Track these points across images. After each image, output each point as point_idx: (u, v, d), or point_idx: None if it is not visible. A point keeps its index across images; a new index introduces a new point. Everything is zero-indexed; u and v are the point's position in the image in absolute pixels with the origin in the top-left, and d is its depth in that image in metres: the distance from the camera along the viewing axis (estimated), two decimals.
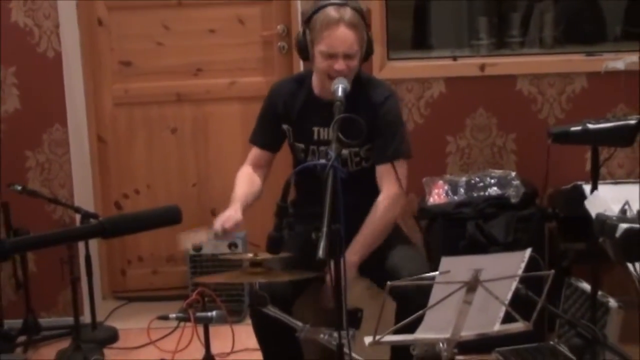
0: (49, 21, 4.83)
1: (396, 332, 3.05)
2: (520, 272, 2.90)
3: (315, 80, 3.78)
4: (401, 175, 3.70)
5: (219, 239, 3.58)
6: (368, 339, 2.98)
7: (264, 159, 3.91)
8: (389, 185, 3.69)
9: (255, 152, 3.92)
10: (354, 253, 3.61)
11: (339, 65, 3.55)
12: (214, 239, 3.58)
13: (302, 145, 3.81)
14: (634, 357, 3.55)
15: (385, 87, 3.85)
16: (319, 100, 3.74)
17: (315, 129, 3.76)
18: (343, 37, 3.56)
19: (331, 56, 3.56)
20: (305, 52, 3.70)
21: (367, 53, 3.71)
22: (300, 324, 3.41)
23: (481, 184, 4.59)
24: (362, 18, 3.66)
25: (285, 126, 3.84)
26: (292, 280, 3.58)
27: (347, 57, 3.57)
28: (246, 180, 3.83)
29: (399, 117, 3.82)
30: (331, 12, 3.57)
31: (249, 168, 3.89)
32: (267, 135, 3.90)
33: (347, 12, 3.57)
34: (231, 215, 3.61)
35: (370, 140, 3.66)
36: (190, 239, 3.69)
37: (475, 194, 4.56)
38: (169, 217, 1.96)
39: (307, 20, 3.67)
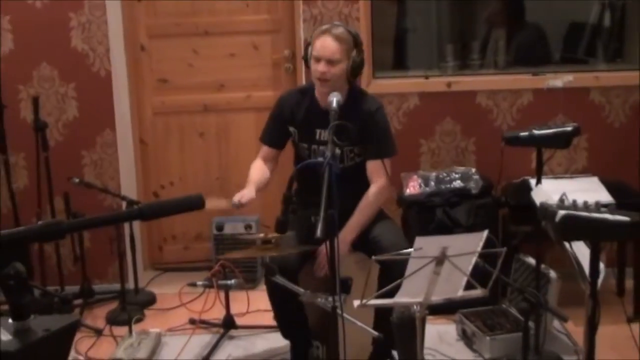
0: (102, 46, 4.81)
1: (379, 296, 3.04)
2: (479, 249, 2.89)
3: (317, 91, 3.78)
4: (387, 169, 3.71)
5: (236, 208, 3.59)
6: (356, 302, 2.97)
7: (271, 155, 3.92)
8: (379, 177, 3.71)
9: (264, 149, 3.93)
10: (349, 232, 3.62)
11: (321, 67, 3.58)
12: (232, 207, 3.61)
13: (305, 145, 3.81)
14: (570, 317, 3.54)
15: (374, 99, 3.85)
16: (320, 107, 3.74)
17: (318, 130, 3.76)
18: (326, 44, 3.61)
19: (317, 60, 3.59)
20: (308, 63, 3.73)
21: (356, 70, 3.69)
22: (302, 290, 3.40)
23: (448, 178, 4.58)
24: (355, 39, 3.66)
25: (291, 128, 3.83)
26: (296, 255, 3.59)
27: (329, 62, 3.59)
28: (258, 170, 3.86)
29: (387, 124, 3.85)
30: (324, 26, 3.66)
31: (259, 161, 3.90)
32: (274, 135, 3.91)
33: (337, 29, 3.64)
34: (246, 192, 3.65)
35: (363, 141, 3.67)
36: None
37: (443, 186, 4.54)
38: (194, 204, 1.95)
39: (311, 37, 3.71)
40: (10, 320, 1.66)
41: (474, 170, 4.63)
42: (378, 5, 4.98)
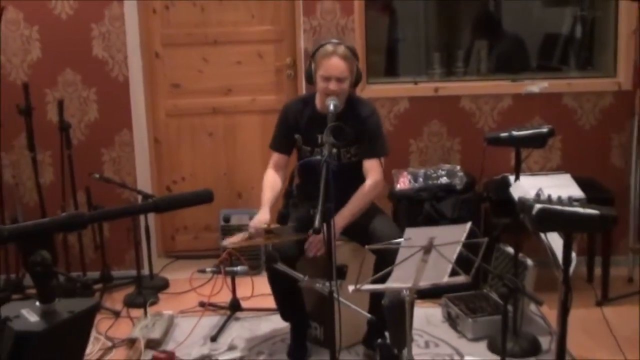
0: (120, 54, 4.81)
1: (372, 282, 3.04)
2: (462, 239, 2.89)
3: (317, 100, 3.77)
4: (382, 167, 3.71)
5: (253, 238, 3.54)
6: (351, 287, 2.97)
7: (281, 162, 3.88)
8: (374, 174, 3.70)
9: (275, 156, 3.89)
10: (343, 218, 3.60)
11: (333, 85, 3.57)
12: (249, 238, 3.55)
13: (309, 148, 3.80)
14: (544, 301, 3.54)
15: (370, 104, 3.84)
16: (321, 114, 3.72)
17: (319, 136, 3.74)
18: (335, 65, 3.58)
19: (327, 79, 3.58)
20: (311, 78, 3.70)
21: (357, 80, 3.72)
22: (301, 276, 3.40)
23: (435, 175, 4.57)
24: (354, 54, 3.67)
25: (296, 135, 3.81)
26: (295, 244, 3.58)
27: (338, 80, 3.59)
28: (270, 185, 3.80)
29: (380, 127, 3.84)
30: (328, 47, 3.62)
31: (272, 171, 3.85)
32: (282, 142, 3.88)
33: (341, 48, 3.62)
34: (261, 219, 3.59)
35: (358, 142, 3.67)
36: (231, 242, 3.61)
37: (430, 182, 4.54)
38: (204, 198, 1.94)
39: (312, 55, 3.70)
40: (37, 303, 1.66)
41: (458, 167, 4.62)
42: (371, 17, 4.98)
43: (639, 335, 3.77)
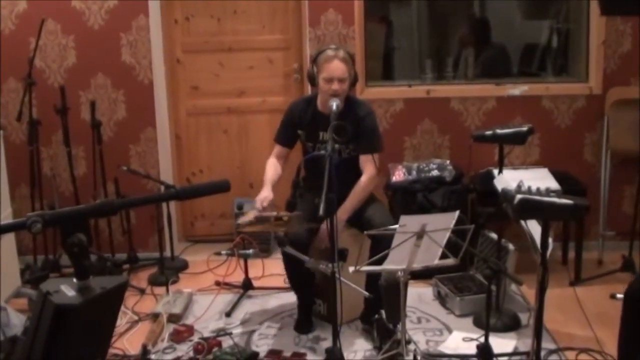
0: (145, 60, 4.81)
1: (370, 264, 3.05)
2: (451, 226, 2.90)
3: (319, 100, 3.77)
4: (376, 162, 3.70)
5: (261, 213, 3.53)
6: (351, 268, 2.98)
7: (283, 153, 3.88)
8: (369, 168, 3.70)
9: (277, 148, 3.89)
10: (344, 212, 3.61)
11: (335, 86, 3.56)
12: (258, 214, 3.54)
13: (311, 144, 3.80)
14: (524, 281, 3.55)
15: (367, 105, 3.83)
16: (322, 114, 3.72)
17: (321, 132, 3.75)
18: (337, 67, 3.58)
19: (330, 80, 3.57)
20: (313, 80, 3.69)
21: (354, 81, 3.71)
22: (306, 257, 3.40)
23: (427, 168, 4.58)
24: (351, 57, 3.66)
25: (300, 131, 3.82)
26: (306, 231, 3.58)
27: (340, 80, 3.57)
28: (272, 168, 3.80)
29: (376, 126, 3.81)
30: (329, 52, 3.61)
31: (273, 159, 3.86)
32: (286, 137, 3.88)
33: (340, 52, 3.61)
34: (266, 196, 3.59)
35: (356, 139, 3.66)
36: (244, 219, 3.62)
37: (423, 175, 4.54)
38: (222, 187, 1.93)
39: (314, 60, 3.68)
40: (74, 280, 1.67)
41: (448, 162, 4.63)
42: (370, 27, 4.98)
43: (606, 311, 3.78)
